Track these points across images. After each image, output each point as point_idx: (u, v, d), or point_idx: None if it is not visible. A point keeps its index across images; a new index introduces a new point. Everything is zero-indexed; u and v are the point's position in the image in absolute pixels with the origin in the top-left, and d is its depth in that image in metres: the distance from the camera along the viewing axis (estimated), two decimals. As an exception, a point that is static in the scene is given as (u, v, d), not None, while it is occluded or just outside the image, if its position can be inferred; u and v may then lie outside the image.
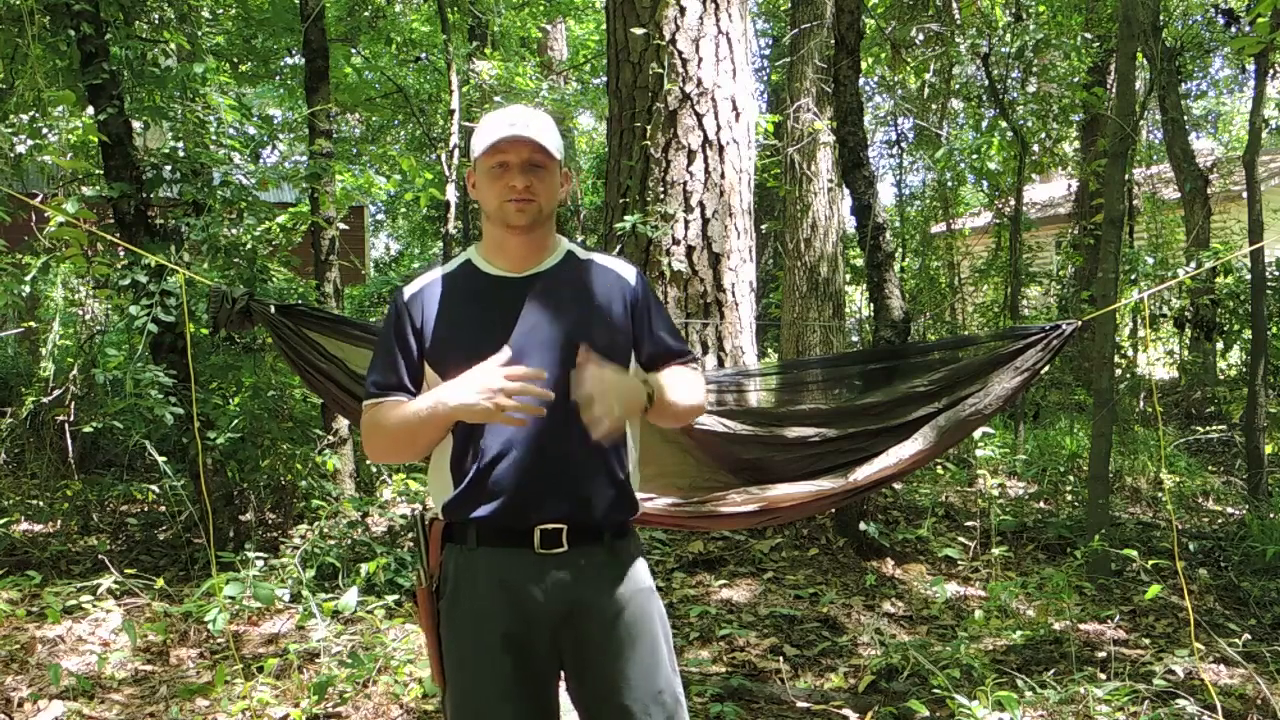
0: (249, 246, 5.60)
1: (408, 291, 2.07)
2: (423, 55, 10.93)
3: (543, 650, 1.97)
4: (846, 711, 3.54)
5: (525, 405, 1.84)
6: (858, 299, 13.88)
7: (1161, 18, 8.39)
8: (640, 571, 2.06)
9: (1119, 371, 8.02)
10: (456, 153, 8.52)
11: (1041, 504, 6.74)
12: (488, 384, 1.84)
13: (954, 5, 10.02)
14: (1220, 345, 9.11)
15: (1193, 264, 8.36)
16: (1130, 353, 9.45)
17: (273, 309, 3.22)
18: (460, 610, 1.99)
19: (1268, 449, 6.53)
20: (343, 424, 6.00)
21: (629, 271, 2.12)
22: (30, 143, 4.88)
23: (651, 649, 2.01)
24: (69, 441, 5.96)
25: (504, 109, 2.05)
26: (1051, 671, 3.77)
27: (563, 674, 2.04)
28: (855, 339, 12.43)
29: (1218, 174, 12.79)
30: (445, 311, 2.03)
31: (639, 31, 5.93)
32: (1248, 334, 7.38)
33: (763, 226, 12.26)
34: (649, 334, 2.10)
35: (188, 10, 6.19)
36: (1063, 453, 7.68)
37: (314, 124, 6.36)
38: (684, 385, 2.08)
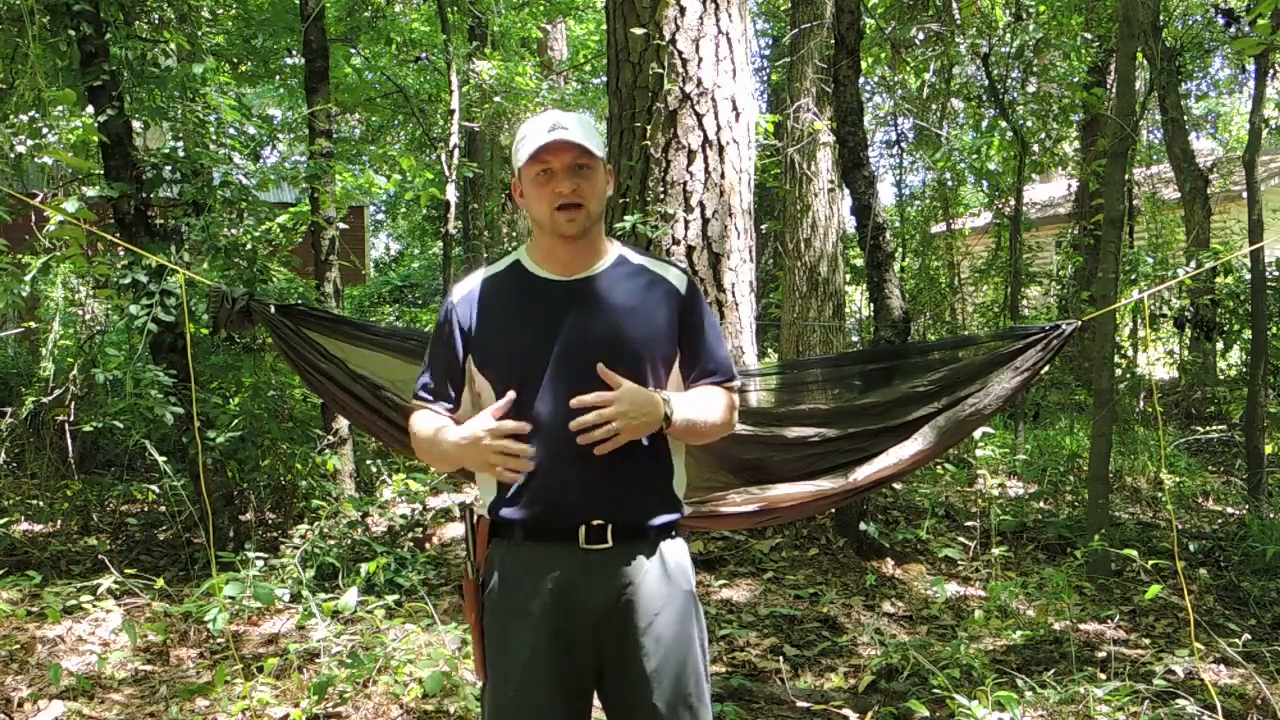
0: (249, 246, 5.60)
1: (457, 294, 2.11)
2: (423, 55, 10.93)
3: (584, 645, 1.98)
4: (846, 711, 3.54)
5: (515, 463, 1.92)
6: (858, 299, 13.88)
7: (1161, 18, 8.39)
8: (683, 574, 2.08)
9: (1119, 371, 8.01)
10: (456, 153, 8.52)
11: (1041, 504, 6.74)
12: (479, 441, 1.91)
13: (954, 5, 10.02)
14: (1220, 345, 9.11)
15: (1193, 264, 8.35)
16: (1130, 353, 9.44)
17: (273, 309, 3.22)
18: (506, 604, 2.02)
19: (1268, 449, 6.53)
20: (343, 424, 6.00)
21: (680, 280, 2.11)
22: (30, 143, 4.88)
23: (688, 651, 2.03)
24: (69, 441, 5.96)
25: (541, 115, 2.06)
26: (1051, 671, 3.77)
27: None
28: (855, 339, 12.43)
29: (1218, 174, 12.78)
30: (492, 313, 2.06)
31: (639, 31, 5.93)
32: (1248, 334, 7.38)
33: (763, 226, 12.25)
34: (691, 349, 2.10)
35: (188, 10, 6.19)
36: (1063, 453, 7.68)
37: (314, 124, 6.36)
38: (707, 405, 2.08)
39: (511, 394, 1.95)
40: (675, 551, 2.08)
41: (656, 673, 1.98)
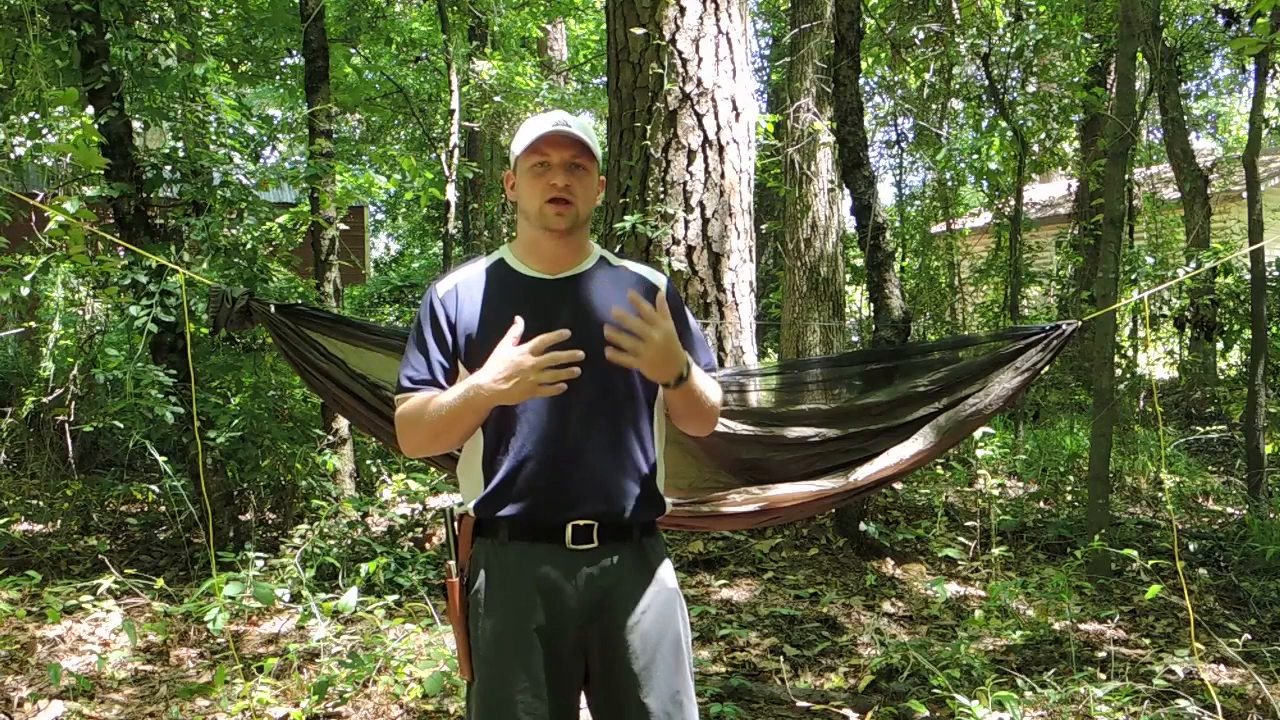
0: (249, 246, 5.60)
1: (441, 288, 2.08)
2: (423, 55, 10.92)
3: (570, 645, 1.99)
4: (846, 711, 3.54)
5: (557, 374, 1.83)
6: (858, 299, 13.87)
7: (1161, 18, 8.39)
8: (666, 572, 2.10)
9: (1119, 371, 8.01)
10: (456, 153, 8.52)
11: (1041, 504, 6.74)
12: (517, 364, 1.84)
13: (954, 5, 10.02)
14: (1220, 345, 9.10)
15: (1193, 264, 8.35)
16: (1130, 353, 9.44)
17: (273, 309, 3.21)
18: (492, 604, 2.01)
19: (1268, 449, 6.52)
20: (343, 424, 6.00)
21: (660, 279, 2.14)
22: (30, 143, 4.88)
23: (674, 650, 2.04)
24: (69, 441, 5.96)
25: (545, 113, 2.08)
26: (1051, 671, 3.77)
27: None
28: (855, 339, 12.43)
29: (1218, 174, 12.77)
30: (479, 311, 2.04)
31: (639, 31, 5.93)
32: (1248, 334, 7.37)
33: (763, 226, 12.25)
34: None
35: (188, 10, 6.18)
36: (1063, 453, 7.67)
37: (314, 124, 6.36)
38: (709, 384, 2.11)
39: (520, 320, 1.89)
40: (658, 549, 2.10)
41: (645, 671, 1.98)
